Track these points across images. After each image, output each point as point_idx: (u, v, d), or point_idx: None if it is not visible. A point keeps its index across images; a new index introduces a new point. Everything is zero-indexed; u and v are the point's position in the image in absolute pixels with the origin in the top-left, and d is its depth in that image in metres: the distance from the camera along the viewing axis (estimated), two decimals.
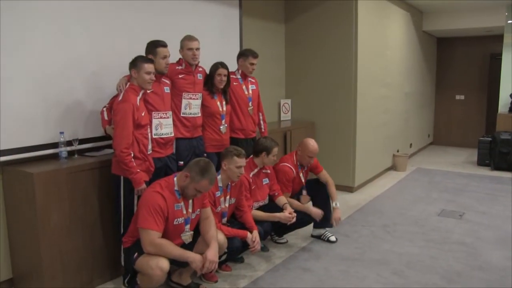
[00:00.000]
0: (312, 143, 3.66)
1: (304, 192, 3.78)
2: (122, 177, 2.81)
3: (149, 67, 2.82)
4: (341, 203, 4.89)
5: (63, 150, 2.97)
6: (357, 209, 4.79)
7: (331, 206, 3.68)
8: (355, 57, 5.24)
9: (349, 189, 5.47)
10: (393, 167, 6.73)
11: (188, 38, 3.29)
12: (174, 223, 2.60)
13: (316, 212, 3.53)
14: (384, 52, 6.14)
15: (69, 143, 3.03)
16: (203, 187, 2.57)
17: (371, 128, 5.80)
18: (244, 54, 3.78)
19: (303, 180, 3.77)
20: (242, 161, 3.02)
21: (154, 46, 3.03)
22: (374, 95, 5.84)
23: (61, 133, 2.97)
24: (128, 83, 2.89)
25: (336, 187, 5.39)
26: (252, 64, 3.75)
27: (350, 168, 5.42)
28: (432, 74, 8.95)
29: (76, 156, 3.07)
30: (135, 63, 2.83)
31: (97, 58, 3.20)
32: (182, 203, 2.62)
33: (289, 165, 3.66)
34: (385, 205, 4.90)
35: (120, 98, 2.77)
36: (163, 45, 3.05)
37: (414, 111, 7.80)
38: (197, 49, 3.30)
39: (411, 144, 7.76)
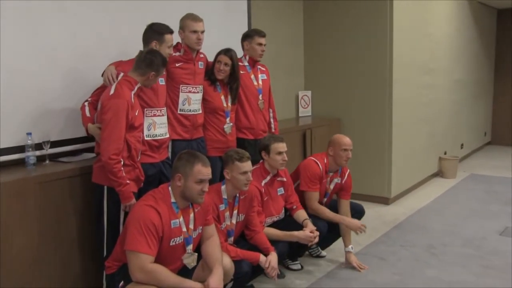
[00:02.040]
0: (342, 135, 3.75)
1: (325, 199, 3.79)
2: (105, 187, 2.81)
3: (163, 73, 2.94)
4: (374, 217, 4.91)
5: (31, 155, 2.95)
6: (395, 225, 4.76)
7: (344, 249, 3.75)
8: (390, 38, 5.23)
9: (384, 200, 5.45)
10: (439, 173, 6.73)
11: (192, 18, 3.29)
12: (171, 243, 2.58)
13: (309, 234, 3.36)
14: (427, 30, 6.09)
15: (38, 146, 3.02)
16: (200, 172, 2.57)
17: (411, 125, 5.77)
18: (248, 35, 3.77)
19: (328, 187, 3.76)
20: (246, 166, 3.00)
21: (160, 32, 3.06)
22: (415, 84, 5.81)
23: (29, 134, 2.95)
24: (121, 74, 2.89)
25: (369, 198, 5.55)
26: (260, 44, 3.74)
27: (385, 174, 5.41)
28: (490, 57, 8.81)
29: (47, 162, 3.06)
30: (153, 62, 2.83)
31: (74, 44, 3.21)
32: (180, 219, 2.61)
33: (317, 161, 3.68)
34: (430, 220, 4.86)
35: (112, 92, 2.77)
36: (171, 32, 3.09)
37: (466, 103, 7.73)
38: (202, 32, 3.31)
39: (462, 145, 7.69)
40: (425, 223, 4.77)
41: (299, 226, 3.41)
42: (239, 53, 3.77)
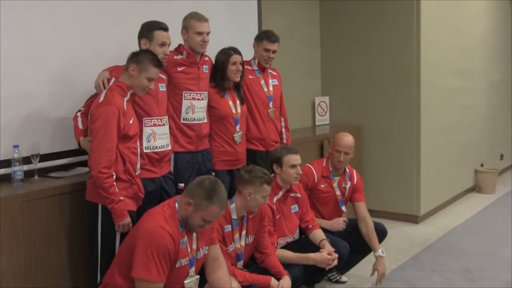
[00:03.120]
0: (344, 134, 3.81)
1: (343, 207, 3.82)
2: (100, 206, 2.80)
3: (155, 72, 2.86)
4: (401, 238, 4.89)
5: (18, 170, 2.96)
6: (425, 247, 4.72)
7: (373, 254, 3.69)
8: (417, 36, 5.22)
9: (413, 218, 5.41)
10: (475, 188, 6.69)
11: (197, 18, 3.31)
12: (177, 265, 2.59)
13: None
14: (460, 26, 6.07)
15: (26, 160, 3.02)
16: (213, 214, 2.56)
17: (442, 134, 5.75)
18: (259, 37, 3.80)
19: (338, 194, 3.79)
20: (270, 189, 3.07)
21: (149, 28, 3.06)
22: (446, 87, 5.79)
23: (15, 146, 2.96)
24: (113, 80, 2.91)
25: (395, 216, 5.52)
26: (267, 50, 3.74)
27: (413, 190, 5.38)
28: None
29: (36, 177, 3.07)
30: (139, 58, 2.83)
31: (65, 47, 3.23)
32: (185, 238, 2.61)
33: (312, 167, 3.76)
34: (466, 241, 4.83)
35: (101, 99, 2.78)
36: (163, 27, 3.07)
37: (505, 108, 7.68)
38: (208, 33, 3.32)
39: (502, 155, 7.61)
40: (460, 244, 4.73)
41: (316, 248, 3.38)
42: (249, 55, 3.78)
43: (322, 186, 3.77)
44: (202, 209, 2.53)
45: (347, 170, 3.84)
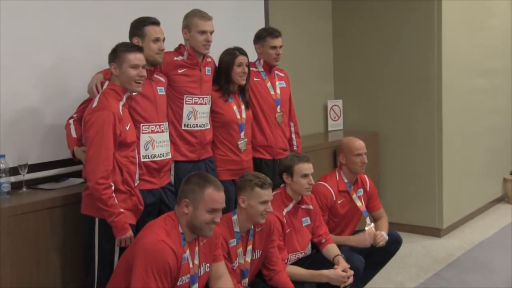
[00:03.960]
0: (354, 138, 3.85)
1: (368, 220, 3.82)
2: (97, 220, 2.80)
3: (136, 58, 2.83)
4: (422, 253, 4.90)
5: (4, 182, 2.95)
6: (449, 262, 4.69)
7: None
8: (438, 34, 5.22)
9: (435, 232, 5.39)
10: (504, 198, 6.67)
11: (200, 16, 3.32)
12: (178, 283, 2.59)
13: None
14: (486, 21, 6.05)
15: (14, 170, 3.01)
16: (212, 199, 2.60)
17: (466, 139, 5.74)
18: (259, 37, 3.79)
19: (360, 205, 3.81)
20: (268, 193, 3.00)
21: (139, 25, 3.06)
22: (470, 89, 5.80)
23: (1, 156, 2.96)
24: (107, 83, 2.92)
25: (415, 229, 5.50)
26: (274, 47, 3.74)
27: (436, 200, 5.36)
28: None
29: (24, 189, 3.05)
30: (114, 54, 2.85)
31: (56, 48, 3.23)
32: (187, 253, 2.63)
33: (327, 185, 3.73)
34: (494, 257, 4.80)
35: (95, 104, 2.79)
36: (154, 22, 3.08)
37: None
38: (211, 32, 3.33)
39: None
40: (488, 260, 4.70)
41: (330, 264, 3.37)
42: (255, 56, 3.79)
43: (339, 202, 3.76)
44: (199, 200, 2.58)
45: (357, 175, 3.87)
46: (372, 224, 3.81)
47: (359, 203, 3.80)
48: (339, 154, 3.83)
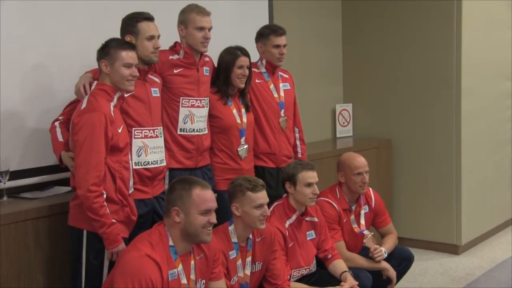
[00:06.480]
0: (354, 154, 3.82)
1: (366, 231, 3.79)
2: (85, 232, 2.79)
3: (128, 56, 2.83)
4: (439, 272, 4.91)
5: None
6: (468, 282, 4.67)
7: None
8: (458, 32, 5.22)
9: (453, 249, 5.39)
10: None
11: (198, 11, 3.32)
12: None
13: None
14: (509, 21, 6.03)
15: None
16: (201, 199, 2.61)
17: (488, 149, 5.73)
18: (261, 35, 3.80)
19: (359, 227, 3.79)
20: (261, 196, 3.00)
21: (132, 21, 3.06)
22: (492, 93, 5.78)
23: None
24: (95, 83, 2.91)
25: (432, 245, 5.49)
26: (277, 46, 3.74)
27: (453, 215, 5.35)
28: None
29: (5, 198, 3.04)
30: (105, 51, 2.85)
31: (41, 45, 3.23)
32: (179, 268, 2.61)
33: (328, 200, 3.72)
34: None
35: (84, 106, 2.78)
36: (148, 17, 3.07)
37: None
38: (210, 29, 3.34)
39: None
40: (510, 280, 4.64)
41: (337, 281, 3.38)
42: (257, 56, 3.79)
43: (344, 220, 3.74)
44: (189, 204, 2.59)
45: None
46: (370, 235, 3.76)
47: (354, 225, 3.77)
48: (338, 171, 3.81)
